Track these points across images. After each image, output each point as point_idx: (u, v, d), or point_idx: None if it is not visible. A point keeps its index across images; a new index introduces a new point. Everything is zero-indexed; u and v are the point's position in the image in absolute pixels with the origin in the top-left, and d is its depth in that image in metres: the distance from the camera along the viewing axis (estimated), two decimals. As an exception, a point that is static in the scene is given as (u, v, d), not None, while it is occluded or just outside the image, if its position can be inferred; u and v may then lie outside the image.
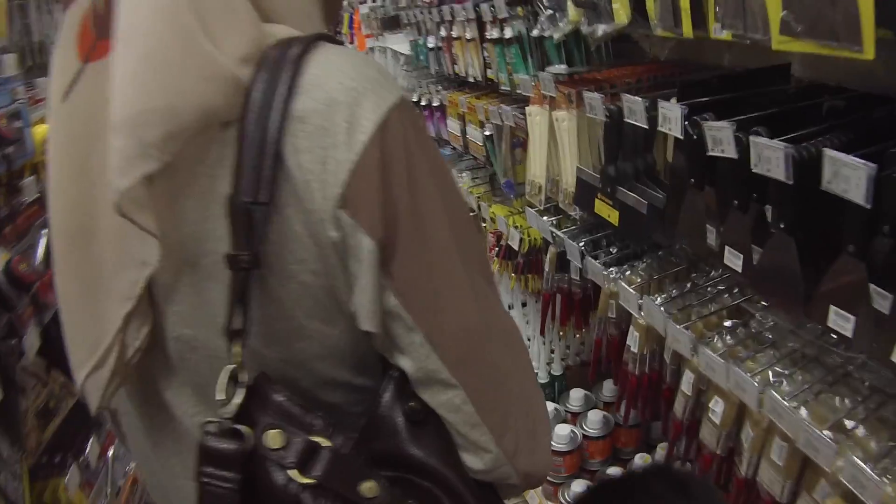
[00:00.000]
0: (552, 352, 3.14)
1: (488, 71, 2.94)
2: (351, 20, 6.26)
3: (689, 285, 2.01)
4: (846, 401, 1.48)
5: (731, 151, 1.40)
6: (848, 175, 1.15)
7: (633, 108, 1.69)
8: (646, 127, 1.67)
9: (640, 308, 1.91)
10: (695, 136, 1.52)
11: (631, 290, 1.93)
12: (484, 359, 0.93)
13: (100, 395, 0.91)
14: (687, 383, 1.83)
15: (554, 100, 2.23)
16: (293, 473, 0.83)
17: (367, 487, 0.85)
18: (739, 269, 1.55)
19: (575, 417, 2.96)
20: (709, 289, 1.97)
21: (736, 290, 1.93)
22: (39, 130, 2.31)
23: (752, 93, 1.69)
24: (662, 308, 1.83)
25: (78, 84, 0.88)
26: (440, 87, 3.79)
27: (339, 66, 0.83)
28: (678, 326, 1.75)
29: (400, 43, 4.85)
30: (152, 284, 0.87)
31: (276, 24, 0.87)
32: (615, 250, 2.24)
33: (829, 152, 1.18)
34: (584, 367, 3.24)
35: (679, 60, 2.29)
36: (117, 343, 0.87)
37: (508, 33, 2.53)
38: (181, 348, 0.92)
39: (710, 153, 1.46)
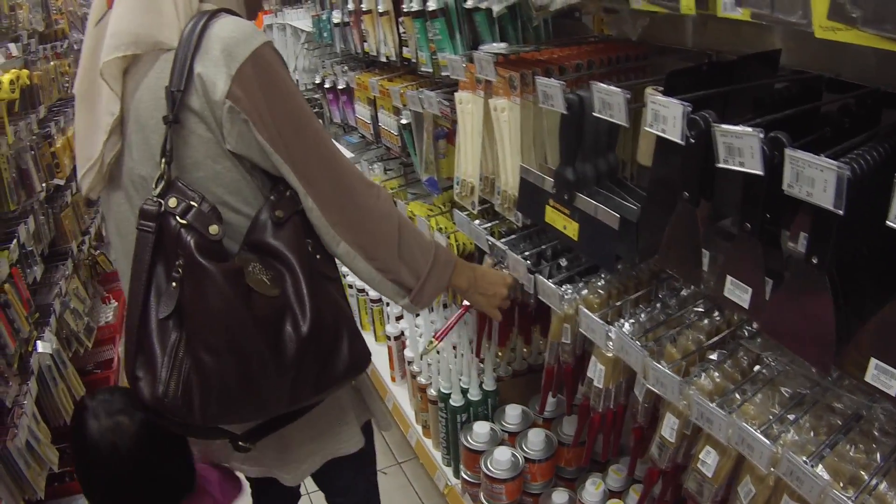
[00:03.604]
0: (481, 362, 2.81)
1: (404, 49, 2.57)
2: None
3: (658, 306, 1.70)
4: (861, 447, 1.26)
5: (754, 166, 1.08)
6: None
7: (609, 99, 1.34)
8: (625, 125, 1.33)
9: (608, 339, 1.59)
10: (695, 141, 1.20)
11: (597, 319, 1.61)
12: (337, 183, 1.55)
13: (88, 186, 1.56)
14: (670, 429, 1.52)
15: (491, 84, 1.88)
16: (177, 219, 1.41)
17: (213, 229, 1.43)
18: (746, 305, 1.25)
19: (513, 437, 2.63)
20: (681, 309, 1.68)
21: (716, 314, 1.63)
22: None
23: (750, 86, 1.38)
24: (638, 342, 1.51)
25: (102, 20, 1.51)
26: (346, 68, 3.40)
27: (227, 24, 1.44)
28: (663, 367, 1.44)
29: (301, 19, 4.44)
30: (122, 135, 1.52)
31: (210, 3, 1.50)
32: (564, 262, 1.92)
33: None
34: (517, 378, 2.92)
35: (632, 41, 1.97)
36: (99, 157, 1.51)
37: (432, 4, 2.14)
38: (129, 172, 1.53)
39: (722, 165, 1.13)
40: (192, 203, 1.42)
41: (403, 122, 2.70)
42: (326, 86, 3.70)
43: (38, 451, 2.96)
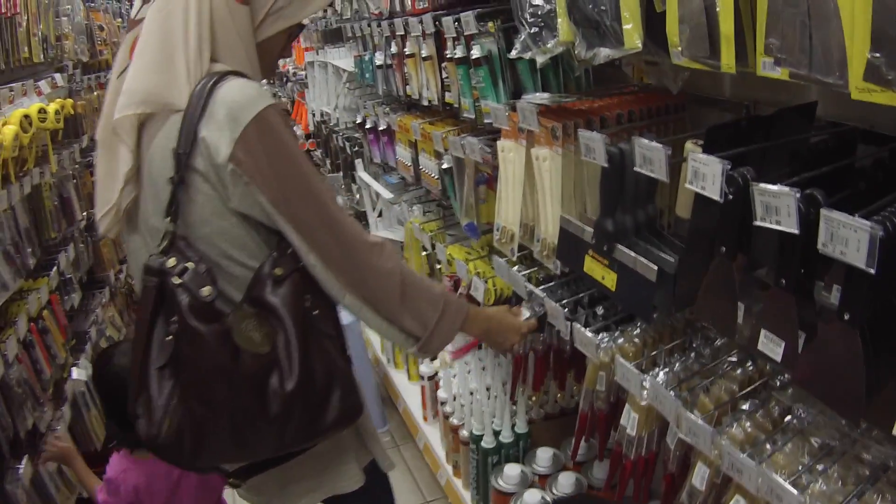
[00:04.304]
0: (514, 405, 2.84)
1: (447, 94, 2.63)
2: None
3: (692, 355, 1.73)
4: (888, 496, 1.29)
5: (790, 224, 1.12)
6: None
7: (650, 155, 1.39)
8: (664, 180, 1.37)
9: (643, 388, 1.62)
10: (733, 198, 1.24)
11: (632, 368, 1.64)
12: (339, 242, 1.59)
13: (105, 227, 1.64)
14: (700, 478, 1.54)
15: (533, 134, 1.93)
16: (174, 279, 1.50)
17: (205, 291, 1.50)
18: (778, 359, 1.28)
19: (544, 480, 2.66)
20: (715, 358, 1.70)
21: (749, 364, 1.65)
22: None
23: (787, 141, 1.42)
24: (672, 392, 1.54)
25: (124, 72, 1.57)
26: (388, 109, 3.47)
27: (233, 88, 1.49)
28: (695, 417, 1.46)
29: (342, 58, 4.52)
30: (138, 184, 1.60)
31: (220, 63, 1.55)
32: (601, 311, 1.95)
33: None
34: (549, 421, 2.94)
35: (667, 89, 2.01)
36: (116, 202, 1.59)
37: (476, 52, 2.21)
38: (145, 221, 1.61)
39: (760, 223, 1.17)
40: (188, 265, 1.51)
41: (444, 166, 2.76)
42: (367, 126, 3.77)
43: (68, 476, 3.01)
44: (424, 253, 3.43)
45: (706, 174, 1.25)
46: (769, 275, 1.36)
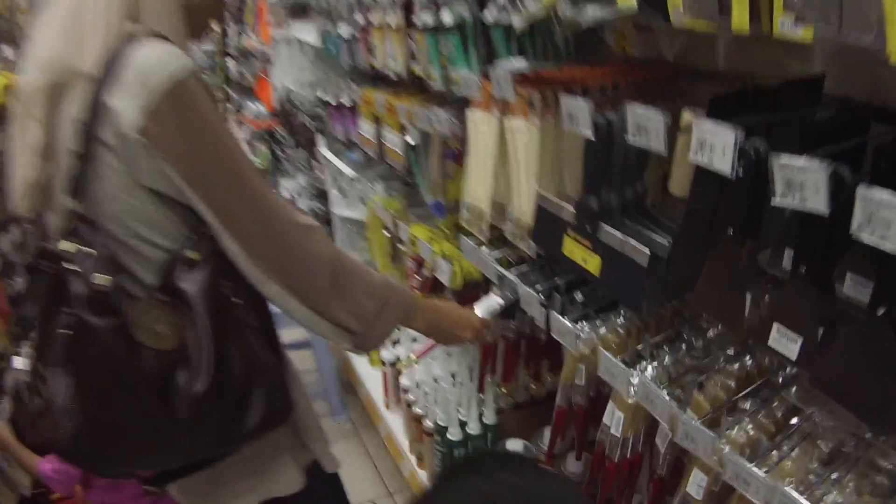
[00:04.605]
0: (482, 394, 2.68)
1: (413, 65, 2.44)
2: (256, 10, 5.70)
3: (683, 347, 1.58)
4: None
5: (817, 204, 0.95)
6: None
7: (645, 123, 1.22)
8: (662, 152, 1.20)
9: (630, 385, 1.46)
10: (746, 173, 1.07)
11: (618, 363, 1.48)
12: (262, 224, 1.40)
13: (22, 205, 1.45)
14: (696, 486, 1.39)
15: (508, 104, 1.76)
16: (67, 264, 1.34)
17: (100, 279, 1.33)
18: (794, 357, 1.12)
19: (513, 476, 2.50)
20: (707, 351, 1.55)
21: (748, 358, 1.50)
22: None
23: (801, 114, 1.26)
24: (665, 391, 1.38)
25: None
26: (353, 84, 3.27)
27: (147, 51, 1.31)
28: (696, 422, 1.31)
29: (310, 32, 4.32)
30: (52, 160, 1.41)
31: (139, 23, 1.37)
32: (580, 297, 1.78)
33: None
34: (518, 411, 2.78)
35: (658, 63, 1.85)
36: (26, 179, 1.43)
37: (448, 19, 2.02)
38: (59, 201, 1.40)
39: (779, 203, 1.01)
40: (85, 248, 1.34)
41: (411, 141, 2.57)
42: (331, 102, 3.58)
43: (7, 474, 2.82)
44: (387, 233, 3.24)
45: (715, 145, 1.09)
46: (774, 261, 1.21)
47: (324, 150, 4.19)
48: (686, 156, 1.22)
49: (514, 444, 2.56)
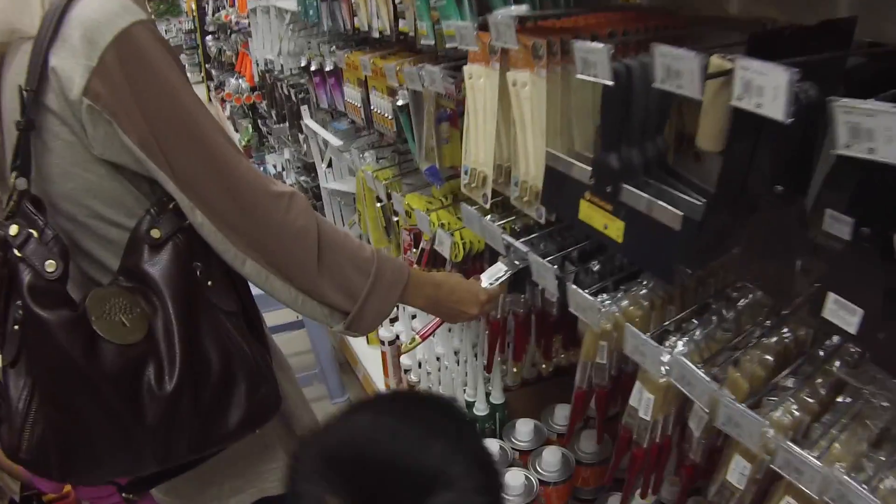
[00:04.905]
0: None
1: (401, 23, 2.27)
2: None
3: (714, 319, 1.42)
4: None
5: (889, 154, 0.79)
6: None
7: (677, 66, 1.04)
8: (698, 97, 1.03)
9: (661, 364, 1.30)
10: (799, 120, 0.91)
11: (649, 340, 1.32)
12: (234, 194, 1.27)
13: None
14: (738, 473, 1.24)
15: (508, 55, 1.58)
16: (16, 251, 1.18)
17: (50, 266, 1.18)
18: (853, 331, 0.97)
19: (526, 456, 2.35)
20: (740, 323, 1.40)
21: (785, 329, 1.34)
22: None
23: (855, 55, 1.10)
24: (702, 370, 1.22)
25: None
26: (334, 48, 3.09)
27: (92, 3, 1.18)
28: (742, 407, 1.15)
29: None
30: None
31: None
32: (597, 267, 1.62)
33: None
34: (525, 388, 2.64)
35: (663, 7, 1.68)
36: None
37: (437, -32, 1.84)
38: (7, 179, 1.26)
39: (843, 152, 0.84)
40: (33, 231, 1.19)
41: (400, 103, 2.39)
42: (313, 68, 3.40)
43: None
44: (379, 204, 3.07)
45: (764, 87, 0.92)
46: (829, 222, 1.05)
47: (308, 121, 4.01)
48: (717, 104, 1.06)
49: (525, 425, 2.41)
